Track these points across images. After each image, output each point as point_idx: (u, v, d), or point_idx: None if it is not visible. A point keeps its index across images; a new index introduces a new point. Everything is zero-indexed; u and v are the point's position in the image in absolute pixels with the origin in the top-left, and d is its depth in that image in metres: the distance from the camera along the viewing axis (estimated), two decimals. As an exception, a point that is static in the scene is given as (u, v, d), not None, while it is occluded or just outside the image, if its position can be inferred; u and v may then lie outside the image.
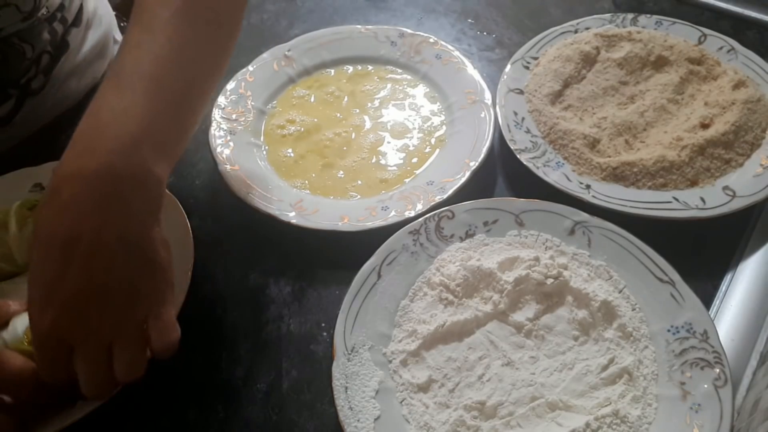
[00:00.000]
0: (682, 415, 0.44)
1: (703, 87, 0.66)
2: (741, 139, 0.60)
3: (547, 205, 0.55)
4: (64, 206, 0.39)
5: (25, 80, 0.67)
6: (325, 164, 0.65)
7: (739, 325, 0.52)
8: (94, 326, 0.40)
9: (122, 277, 0.40)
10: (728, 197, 0.56)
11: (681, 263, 0.50)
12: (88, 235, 0.39)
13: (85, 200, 0.39)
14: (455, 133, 0.66)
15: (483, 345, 0.49)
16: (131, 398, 0.47)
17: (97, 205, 0.39)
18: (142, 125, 0.42)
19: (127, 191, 0.40)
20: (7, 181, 0.60)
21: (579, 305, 0.50)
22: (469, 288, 0.52)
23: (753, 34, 0.75)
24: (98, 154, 0.40)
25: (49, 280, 0.39)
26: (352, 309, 0.50)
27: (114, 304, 0.40)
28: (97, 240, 0.39)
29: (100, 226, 0.39)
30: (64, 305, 0.39)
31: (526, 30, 0.79)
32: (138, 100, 0.42)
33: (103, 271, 0.39)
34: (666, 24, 0.72)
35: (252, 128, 0.68)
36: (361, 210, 0.59)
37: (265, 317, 0.55)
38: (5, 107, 0.67)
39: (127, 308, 0.41)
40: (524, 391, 0.46)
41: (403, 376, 0.48)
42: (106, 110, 0.42)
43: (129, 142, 0.41)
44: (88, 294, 0.39)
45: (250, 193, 0.60)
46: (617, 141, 0.62)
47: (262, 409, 0.49)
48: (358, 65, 0.75)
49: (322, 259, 0.58)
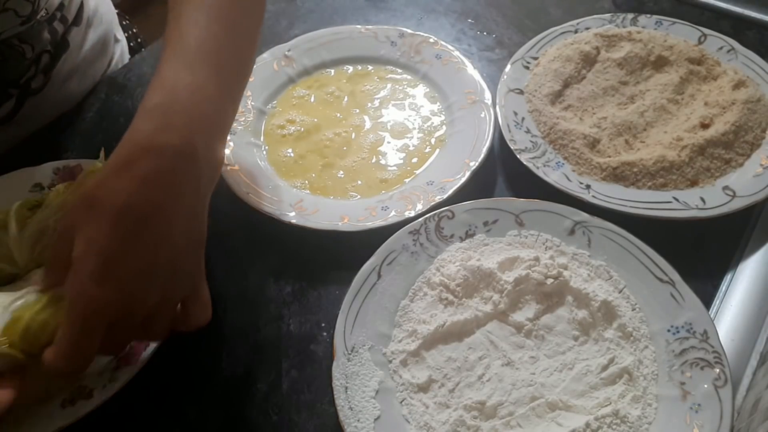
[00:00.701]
0: (682, 415, 0.44)
1: (703, 87, 0.66)
2: (741, 139, 0.60)
3: (547, 205, 0.55)
4: (140, 179, 0.38)
5: (25, 80, 0.67)
6: (325, 164, 0.65)
7: (739, 325, 0.52)
8: (147, 301, 0.39)
9: (185, 258, 0.40)
10: (728, 197, 0.56)
11: (681, 263, 0.50)
12: (162, 212, 0.39)
13: (164, 177, 0.39)
14: (455, 133, 0.66)
15: (483, 345, 0.49)
16: (131, 398, 0.47)
17: (174, 183, 0.39)
18: (216, 107, 0.43)
19: (200, 172, 0.41)
20: (7, 181, 0.60)
21: (579, 305, 0.50)
22: (469, 288, 0.52)
23: (753, 34, 0.75)
24: (179, 132, 0.40)
25: (113, 252, 0.37)
26: (352, 309, 0.50)
27: (169, 281, 0.40)
28: (171, 219, 0.39)
29: (175, 205, 0.39)
30: (128, 280, 0.38)
31: (526, 30, 0.79)
32: (210, 80, 0.43)
33: (169, 247, 0.39)
34: (666, 24, 0.72)
35: (252, 128, 0.68)
36: (361, 210, 0.59)
37: (265, 317, 0.55)
38: (6, 107, 0.67)
39: (177, 285, 0.41)
40: (524, 391, 0.46)
41: (403, 376, 0.48)
42: (181, 87, 0.42)
43: (206, 124, 0.42)
44: (152, 271, 0.39)
45: (250, 193, 0.60)
46: (617, 141, 0.62)
47: (262, 409, 0.49)
48: (358, 65, 0.75)
49: (322, 259, 0.58)
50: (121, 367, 0.47)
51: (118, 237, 0.38)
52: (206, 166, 0.42)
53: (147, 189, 0.38)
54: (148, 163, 0.39)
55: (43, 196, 0.53)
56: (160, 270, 0.39)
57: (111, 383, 0.46)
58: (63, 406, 0.45)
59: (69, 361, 0.38)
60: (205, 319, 0.43)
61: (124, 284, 0.38)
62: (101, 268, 0.37)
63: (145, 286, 0.39)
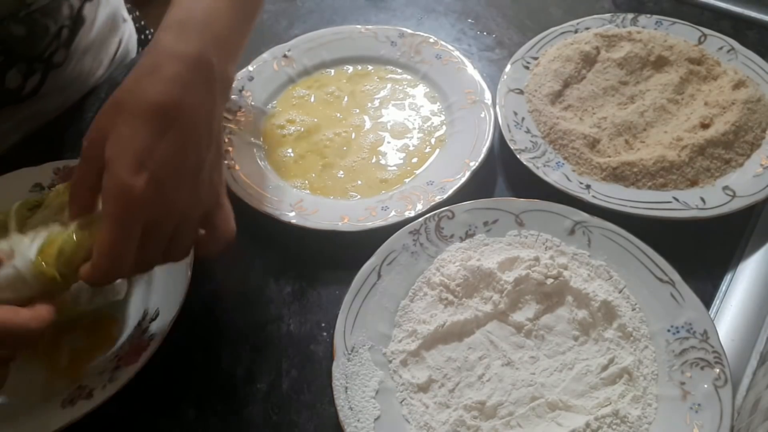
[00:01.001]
0: (682, 415, 0.44)
1: (703, 87, 0.66)
2: (741, 139, 0.60)
3: (547, 205, 0.55)
4: (168, 80, 0.42)
5: (48, 54, 0.70)
6: (325, 164, 0.65)
7: (739, 325, 0.52)
8: (177, 201, 0.42)
9: (206, 159, 0.44)
10: (728, 197, 0.56)
11: (681, 263, 0.50)
12: (186, 112, 0.42)
13: (186, 79, 0.43)
14: (455, 133, 0.66)
15: (483, 345, 0.49)
16: (131, 398, 0.47)
17: (198, 85, 0.43)
18: (229, 31, 0.48)
19: (215, 83, 0.45)
20: (7, 181, 0.60)
21: (579, 305, 0.50)
22: (469, 288, 0.52)
23: (753, 34, 0.75)
24: (196, 44, 0.44)
25: (144, 146, 0.40)
26: (352, 309, 0.50)
27: (195, 183, 0.43)
28: (194, 119, 0.43)
29: (197, 107, 0.43)
30: (160, 173, 0.40)
31: (526, 30, 0.79)
32: (227, 8, 0.49)
33: (195, 147, 0.43)
34: (666, 24, 0.72)
35: (252, 128, 0.68)
36: (361, 210, 0.59)
37: (265, 317, 0.55)
38: (32, 81, 0.70)
39: (203, 191, 0.44)
40: (524, 391, 0.46)
41: (403, 376, 0.48)
42: (200, 9, 0.47)
43: (220, 42, 0.47)
44: (179, 165, 0.42)
45: (250, 193, 0.60)
46: (617, 141, 0.62)
47: (262, 409, 0.49)
48: (358, 65, 0.75)
49: (322, 259, 0.58)
50: (121, 367, 0.47)
51: (149, 132, 0.40)
52: (220, 80, 0.46)
53: (173, 89, 0.42)
54: (170, 68, 0.42)
55: (43, 196, 0.53)
56: (187, 168, 0.42)
57: (111, 383, 0.46)
58: (63, 406, 0.46)
59: (109, 262, 0.40)
60: (230, 232, 0.46)
61: (157, 177, 0.40)
62: (136, 162, 0.40)
63: (175, 183, 0.41)
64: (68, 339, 0.52)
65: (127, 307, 0.54)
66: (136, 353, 0.47)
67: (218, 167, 0.46)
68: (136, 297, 0.54)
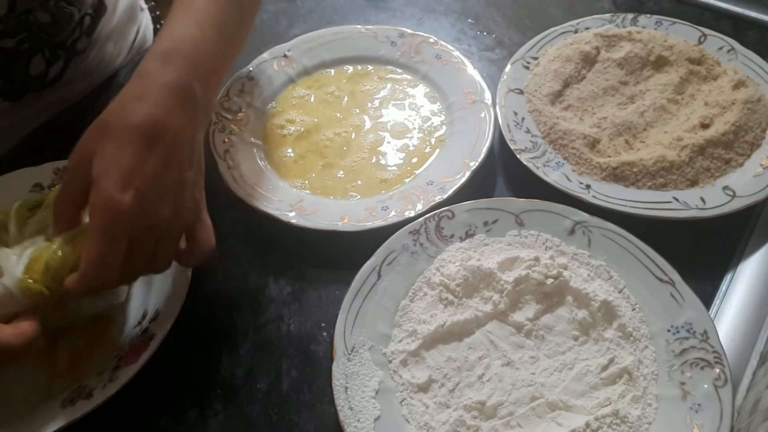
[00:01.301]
0: (682, 415, 0.44)
1: (703, 87, 0.66)
2: (741, 139, 0.60)
3: (547, 205, 0.55)
4: (153, 105, 0.44)
5: (71, 41, 0.72)
6: (325, 164, 0.65)
7: (739, 325, 0.52)
8: (163, 215, 0.43)
9: (189, 178, 0.46)
10: (728, 197, 0.56)
11: (681, 263, 0.50)
12: (172, 131, 0.44)
13: (173, 104, 0.45)
14: (455, 133, 0.66)
15: (483, 345, 0.49)
16: (131, 398, 0.47)
17: (182, 111, 0.46)
18: (214, 59, 0.51)
19: (200, 108, 0.48)
20: (7, 181, 0.60)
21: (579, 305, 0.50)
22: (469, 288, 0.52)
23: (753, 34, 0.75)
24: (183, 72, 0.47)
25: (130, 164, 0.42)
26: (352, 309, 0.50)
27: (179, 198, 0.45)
28: (179, 138, 0.45)
29: (182, 128, 0.45)
30: (145, 189, 0.42)
31: (526, 30, 0.79)
32: (213, 40, 0.51)
33: (178, 166, 0.45)
34: (666, 24, 0.72)
35: (252, 128, 0.68)
36: (361, 210, 0.59)
37: (265, 317, 0.55)
38: (55, 68, 0.72)
39: (184, 207, 0.46)
40: (524, 391, 0.46)
41: (403, 376, 0.48)
42: (188, 38, 0.49)
43: (205, 71, 0.49)
44: (163, 182, 0.44)
45: (250, 193, 0.60)
46: (617, 141, 0.62)
47: (262, 409, 0.49)
48: (358, 65, 0.75)
49: (322, 259, 0.58)
50: (121, 367, 0.47)
51: (135, 151, 0.43)
52: (202, 107, 0.48)
53: (158, 112, 0.44)
54: (156, 94, 0.45)
55: (43, 196, 0.53)
56: (171, 185, 0.44)
57: (111, 383, 0.46)
58: (63, 406, 0.46)
59: (97, 271, 0.42)
60: (210, 245, 0.48)
61: (143, 193, 0.42)
62: (122, 178, 0.42)
63: (160, 199, 0.43)
64: (68, 339, 0.52)
65: (127, 308, 0.54)
66: (136, 353, 0.47)
67: (199, 185, 0.48)
68: (136, 297, 0.54)
